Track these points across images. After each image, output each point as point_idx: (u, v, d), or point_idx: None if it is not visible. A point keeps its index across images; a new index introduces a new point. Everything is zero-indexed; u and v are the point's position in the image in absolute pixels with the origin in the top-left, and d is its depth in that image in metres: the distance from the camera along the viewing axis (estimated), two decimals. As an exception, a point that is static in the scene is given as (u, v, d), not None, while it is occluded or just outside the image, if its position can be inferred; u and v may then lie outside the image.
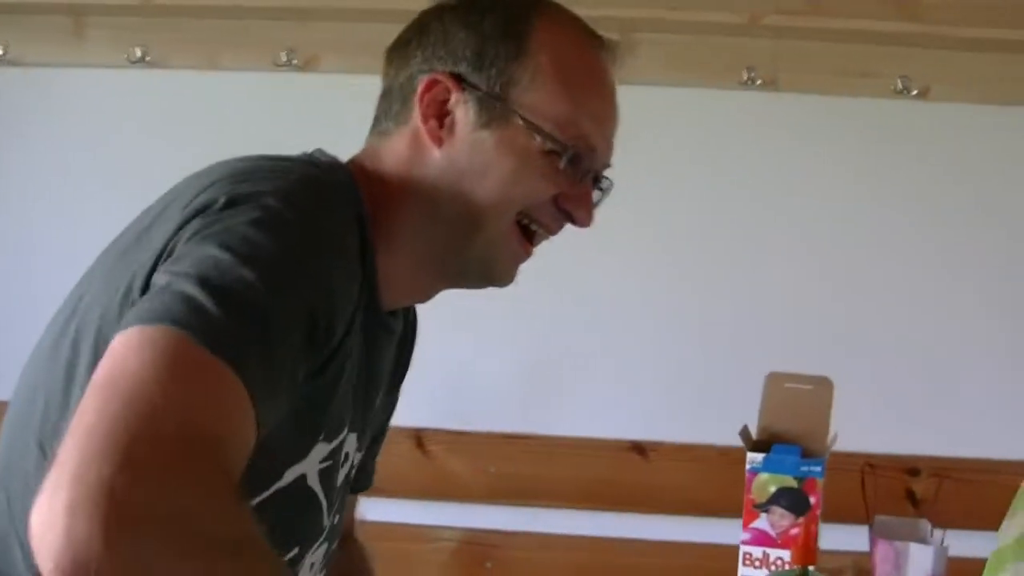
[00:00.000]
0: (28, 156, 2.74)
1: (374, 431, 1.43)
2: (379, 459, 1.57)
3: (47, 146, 2.73)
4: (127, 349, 0.91)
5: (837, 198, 2.59)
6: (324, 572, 1.35)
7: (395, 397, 1.49)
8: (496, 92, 1.25)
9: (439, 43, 1.28)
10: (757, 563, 1.83)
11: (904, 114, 2.55)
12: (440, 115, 1.26)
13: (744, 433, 1.92)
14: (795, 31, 2.50)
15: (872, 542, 1.88)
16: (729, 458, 2.03)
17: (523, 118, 1.25)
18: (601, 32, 1.36)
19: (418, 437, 2.63)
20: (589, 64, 1.32)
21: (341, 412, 1.20)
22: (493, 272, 1.33)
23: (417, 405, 2.59)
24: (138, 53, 2.63)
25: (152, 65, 2.65)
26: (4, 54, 2.70)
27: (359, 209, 1.21)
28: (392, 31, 2.66)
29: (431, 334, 1.49)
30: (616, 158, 2.22)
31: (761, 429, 1.95)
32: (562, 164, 1.27)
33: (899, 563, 1.83)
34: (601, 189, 1.36)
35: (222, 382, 0.92)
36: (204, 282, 0.96)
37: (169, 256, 1.04)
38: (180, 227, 1.05)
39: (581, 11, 2.53)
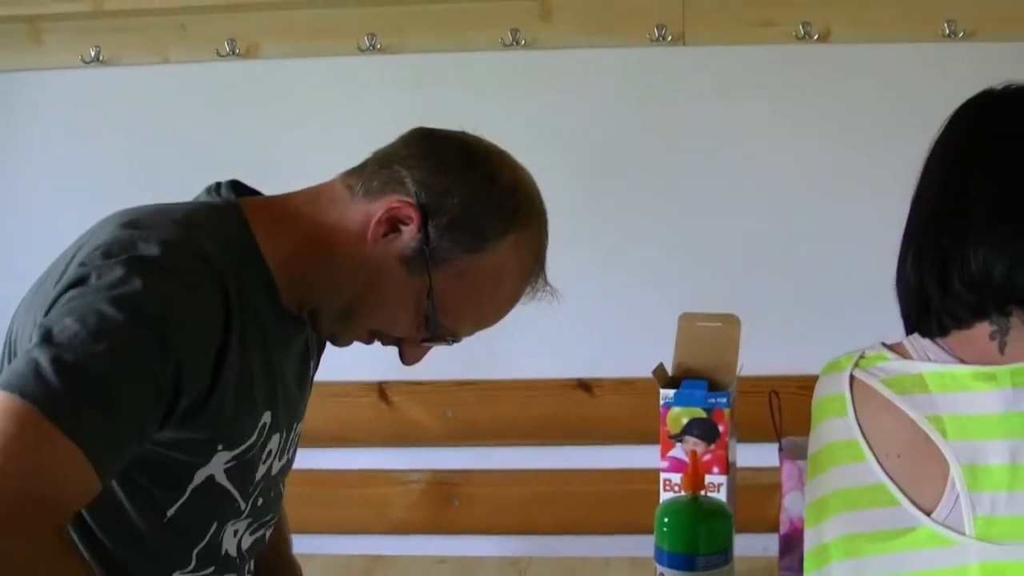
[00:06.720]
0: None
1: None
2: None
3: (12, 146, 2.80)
4: None
5: (746, 142, 2.63)
6: (260, 533, 1.56)
7: (315, 371, 1.66)
8: (435, 256, 1.40)
9: (438, 182, 1.41)
10: (676, 488, 1.93)
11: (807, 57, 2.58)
12: (392, 227, 1.41)
13: (658, 371, 2.01)
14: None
15: (780, 461, 1.99)
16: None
17: (431, 292, 1.41)
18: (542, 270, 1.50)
19: (381, 389, 2.73)
20: (511, 294, 1.48)
21: (234, 427, 1.37)
22: (335, 342, 1.53)
23: (378, 360, 2.76)
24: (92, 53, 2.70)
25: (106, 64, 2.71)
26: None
27: (246, 253, 1.37)
28: (320, 16, 2.79)
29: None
30: (545, 119, 2.50)
31: (676, 366, 2.05)
32: (426, 334, 1.46)
33: (802, 479, 1.89)
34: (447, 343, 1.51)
35: (57, 450, 1.10)
36: (58, 357, 1.13)
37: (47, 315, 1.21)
38: (60, 294, 1.22)
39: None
